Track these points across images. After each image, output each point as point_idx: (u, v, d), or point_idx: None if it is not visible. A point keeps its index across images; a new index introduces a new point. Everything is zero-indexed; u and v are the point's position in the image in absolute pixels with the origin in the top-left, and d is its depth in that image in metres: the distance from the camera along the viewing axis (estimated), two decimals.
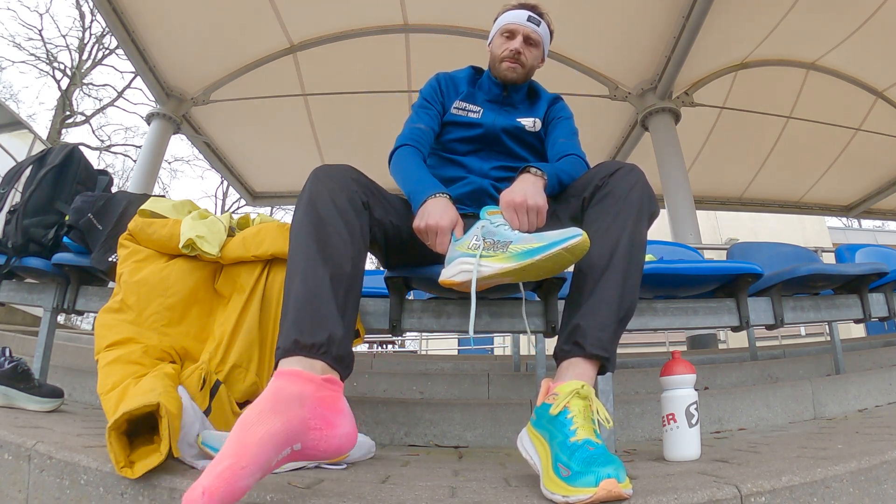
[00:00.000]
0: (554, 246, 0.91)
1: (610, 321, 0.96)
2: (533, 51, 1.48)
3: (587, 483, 0.72)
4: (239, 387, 1.22)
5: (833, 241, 13.42)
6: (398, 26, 5.48)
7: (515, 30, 1.47)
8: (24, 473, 0.91)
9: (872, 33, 5.27)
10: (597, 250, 1.01)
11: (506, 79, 1.47)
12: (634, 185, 1.08)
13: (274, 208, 15.53)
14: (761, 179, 7.72)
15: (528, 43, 1.47)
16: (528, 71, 1.49)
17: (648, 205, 1.08)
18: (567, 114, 1.52)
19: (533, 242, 0.94)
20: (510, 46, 1.45)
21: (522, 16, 1.47)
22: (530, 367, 2.97)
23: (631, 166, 1.13)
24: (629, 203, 1.06)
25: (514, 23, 1.47)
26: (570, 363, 0.95)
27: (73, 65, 15.01)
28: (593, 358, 0.94)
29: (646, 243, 1.08)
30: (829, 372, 2.53)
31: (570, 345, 0.96)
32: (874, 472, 0.88)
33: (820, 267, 1.72)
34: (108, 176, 2.02)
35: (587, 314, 0.97)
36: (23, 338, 3.16)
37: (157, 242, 1.35)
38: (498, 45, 1.49)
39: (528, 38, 1.47)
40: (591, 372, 0.95)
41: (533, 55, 1.48)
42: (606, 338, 0.95)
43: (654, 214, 1.10)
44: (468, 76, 1.56)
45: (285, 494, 0.77)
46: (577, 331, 0.96)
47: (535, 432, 0.90)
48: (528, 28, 1.46)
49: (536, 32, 1.47)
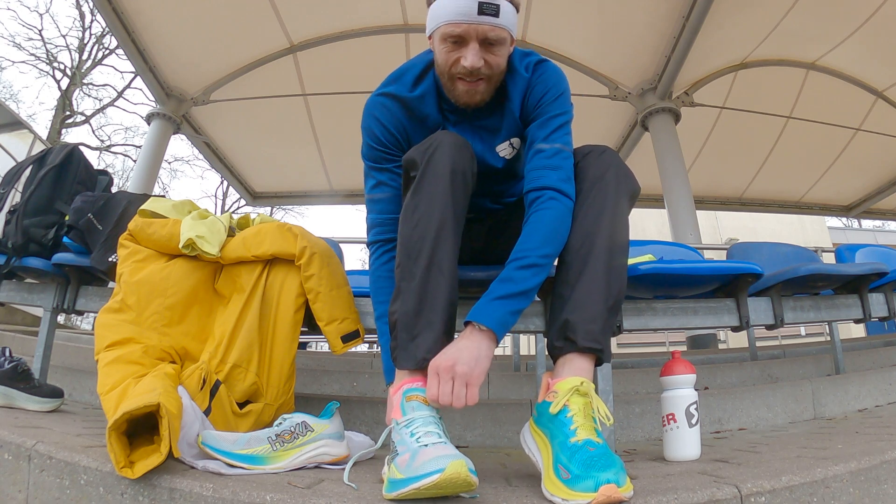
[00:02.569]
0: (408, 483, 0.74)
1: (599, 312, 0.95)
2: (497, 52, 1.05)
3: (586, 488, 0.72)
4: (239, 387, 1.22)
5: (833, 241, 13.44)
6: (398, 26, 5.48)
7: (465, 33, 1.01)
8: (24, 473, 0.91)
9: (872, 33, 5.27)
10: (576, 238, 1.00)
11: (465, 104, 1.10)
12: (609, 166, 1.04)
13: (274, 208, 15.54)
14: (761, 179, 7.72)
15: (488, 45, 1.03)
16: (495, 82, 1.10)
17: (626, 184, 1.04)
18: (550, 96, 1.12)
19: (399, 471, 0.77)
20: (464, 62, 1.03)
21: (471, 7, 0.99)
22: (530, 367, 2.97)
23: (603, 148, 1.08)
24: (604, 185, 1.02)
25: (460, 21, 1.01)
26: (565, 359, 0.95)
27: (73, 65, 15.02)
28: (587, 352, 0.94)
29: (627, 226, 1.04)
30: (829, 372, 2.53)
31: (562, 341, 0.96)
32: (874, 472, 0.88)
33: (820, 267, 1.71)
34: (108, 176, 2.02)
35: (575, 307, 0.95)
36: (23, 338, 3.16)
37: (157, 242, 1.35)
38: (443, 55, 1.06)
39: (486, 39, 1.02)
40: (588, 365, 0.94)
41: (498, 58, 1.06)
42: (598, 329, 0.94)
43: (634, 193, 1.06)
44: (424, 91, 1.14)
45: (285, 494, 0.77)
46: (567, 326, 0.95)
47: (537, 430, 0.90)
48: (483, 26, 1.01)
49: (497, 27, 1.02)
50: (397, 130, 1.15)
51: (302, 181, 7.82)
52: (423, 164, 0.99)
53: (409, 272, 0.96)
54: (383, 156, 1.16)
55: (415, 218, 0.98)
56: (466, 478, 0.73)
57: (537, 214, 1.02)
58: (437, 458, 0.75)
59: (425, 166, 0.99)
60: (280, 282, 1.32)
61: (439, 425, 0.87)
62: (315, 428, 1.03)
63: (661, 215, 5.80)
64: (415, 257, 0.96)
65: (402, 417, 0.87)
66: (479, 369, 0.88)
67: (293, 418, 1.03)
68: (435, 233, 0.95)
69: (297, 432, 1.01)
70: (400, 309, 0.97)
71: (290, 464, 0.98)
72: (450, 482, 0.72)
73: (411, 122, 1.16)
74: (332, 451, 1.04)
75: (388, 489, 0.77)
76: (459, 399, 0.86)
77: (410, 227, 0.98)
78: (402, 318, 0.96)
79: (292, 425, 1.02)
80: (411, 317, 0.94)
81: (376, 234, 1.17)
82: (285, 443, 0.99)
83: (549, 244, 0.98)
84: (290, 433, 1.00)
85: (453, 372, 0.87)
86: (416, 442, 0.82)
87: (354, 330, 1.37)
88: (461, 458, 0.74)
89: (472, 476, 0.74)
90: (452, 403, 0.86)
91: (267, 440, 0.98)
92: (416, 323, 0.94)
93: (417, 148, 1.03)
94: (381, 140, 1.15)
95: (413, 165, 1.02)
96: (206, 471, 0.88)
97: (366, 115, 1.18)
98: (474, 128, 1.18)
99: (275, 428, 1.02)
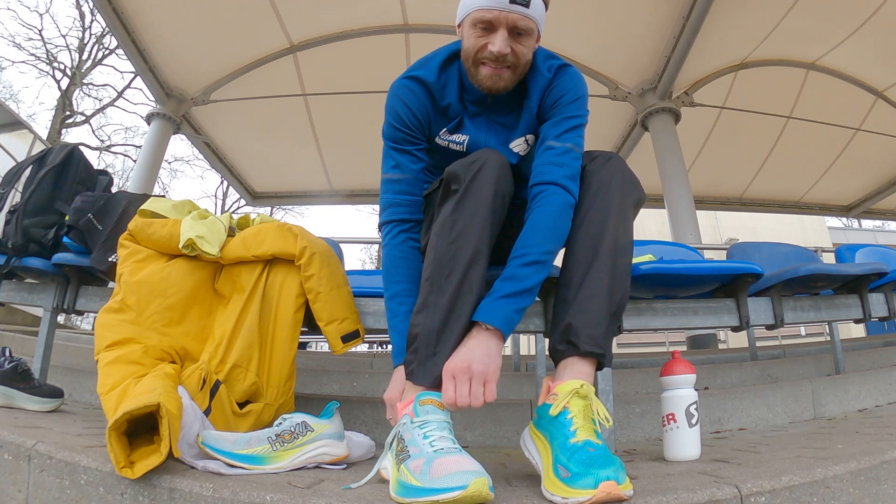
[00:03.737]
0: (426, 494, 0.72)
1: (602, 317, 0.95)
2: (524, 42, 1.08)
3: (586, 485, 0.72)
4: (239, 387, 1.22)
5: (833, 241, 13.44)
6: (398, 26, 5.48)
7: (495, 20, 1.04)
8: (24, 473, 0.91)
9: (872, 33, 5.27)
10: (581, 243, 1.00)
11: (488, 89, 1.12)
12: (614, 172, 1.04)
13: (274, 208, 15.54)
14: (761, 179, 7.72)
15: (516, 35, 1.06)
16: (520, 73, 1.12)
17: (632, 191, 1.04)
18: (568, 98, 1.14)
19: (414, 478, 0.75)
20: (491, 47, 1.06)
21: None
22: (530, 367, 2.97)
23: (609, 154, 1.09)
24: (610, 192, 1.02)
25: (491, 7, 1.04)
26: (566, 362, 0.95)
27: (73, 65, 15.03)
28: (588, 356, 0.94)
29: (632, 232, 1.04)
30: (829, 372, 2.53)
31: (564, 344, 0.96)
32: (874, 472, 0.88)
33: (820, 267, 1.72)
34: (108, 176, 2.02)
35: (578, 311, 0.96)
36: (23, 338, 3.16)
37: (157, 242, 1.35)
38: (471, 40, 1.09)
39: (516, 28, 1.05)
40: (589, 369, 0.94)
41: (524, 48, 1.08)
42: (600, 334, 0.94)
43: (640, 200, 1.06)
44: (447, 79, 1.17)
45: (285, 494, 0.77)
46: (569, 330, 0.95)
47: (536, 432, 0.90)
48: (513, 14, 1.04)
49: (526, 17, 1.05)
50: (421, 114, 1.16)
51: (302, 181, 7.82)
52: (467, 181, 0.99)
53: (439, 287, 0.95)
54: (405, 137, 1.16)
55: (453, 233, 0.97)
56: (487, 496, 0.72)
57: (539, 209, 1.02)
58: (459, 472, 0.72)
59: (469, 183, 0.98)
60: (280, 282, 1.32)
61: (452, 431, 0.86)
62: (315, 428, 1.03)
63: (661, 215, 5.80)
64: (447, 273, 0.95)
65: (416, 418, 0.86)
66: (494, 366, 0.89)
67: (293, 418, 1.03)
68: (472, 253, 0.95)
69: (297, 432, 1.01)
70: (423, 322, 0.95)
71: (290, 464, 0.98)
72: (471, 500, 0.70)
73: (434, 108, 1.18)
74: (332, 451, 1.04)
75: (401, 493, 0.76)
76: (478, 398, 0.86)
77: (447, 242, 0.97)
78: (425, 333, 0.94)
79: (292, 425, 1.02)
80: (434, 334, 0.93)
81: (391, 213, 1.15)
82: (285, 443, 0.99)
83: (549, 240, 0.99)
84: (290, 433, 1.00)
85: (470, 372, 0.87)
86: (431, 446, 0.80)
87: (354, 330, 1.38)
88: (483, 475, 0.73)
89: (492, 494, 0.73)
90: (471, 403, 0.86)
91: (267, 440, 0.98)
92: (438, 340, 0.93)
93: (462, 162, 1.03)
94: (406, 121, 1.16)
95: (455, 179, 1.01)
96: (206, 471, 0.88)
97: (391, 96, 1.19)
98: (490, 122, 1.19)
99: (275, 428, 1.02)
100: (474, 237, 0.96)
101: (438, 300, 0.94)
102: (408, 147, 1.17)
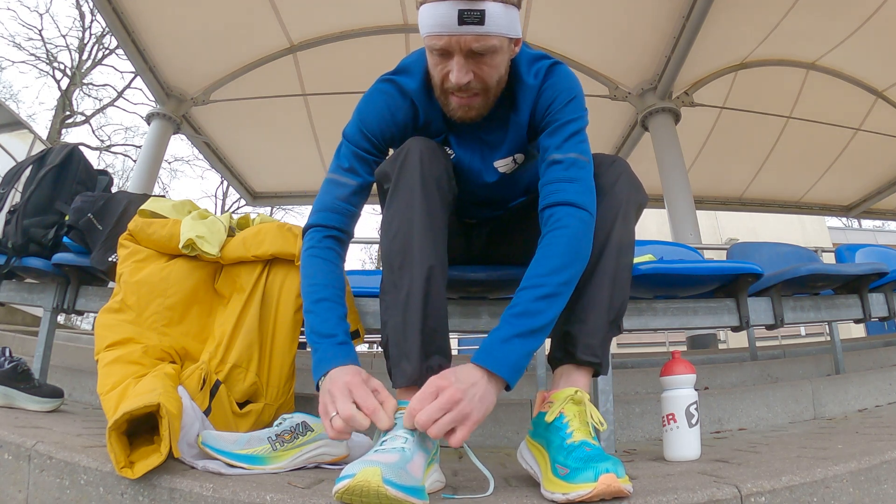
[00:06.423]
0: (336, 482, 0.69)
1: (600, 325, 0.95)
2: (488, 62, 0.94)
3: (586, 478, 0.71)
4: (239, 387, 1.22)
5: (833, 241, 13.44)
6: (398, 26, 5.48)
7: (447, 46, 0.91)
8: (24, 473, 0.91)
9: (872, 33, 5.27)
10: None
11: (461, 119, 1.02)
12: (619, 177, 1.02)
13: (274, 208, 15.55)
14: (761, 179, 7.72)
15: (478, 57, 0.93)
16: (493, 94, 1.00)
17: (635, 197, 1.02)
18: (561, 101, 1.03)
19: None
20: (452, 78, 0.94)
21: (451, 16, 0.88)
22: (530, 367, 2.97)
23: (613, 157, 1.06)
24: (614, 198, 1.00)
25: (441, 32, 0.90)
26: (562, 370, 0.95)
27: (73, 65, 15.03)
28: (585, 365, 0.94)
29: (633, 238, 1.03)
30: (829, 372, 2.53)
31: (561, 352, 0.96)
32: (874, 472, 0.88)
33: (820, 267, 1.72)
34: (108, 176, 2.02)
35: (576, 320, 0.95)
36: (23, 338, 3.16)
37: (157, 242, 1.35)
38: (434, 68, 0.97)
39: (471, 51, 0.92)
40: (585, 378, 0.95)
41: (490, 69, 0.95)
42: (597, 343, 0.94)
43: (641, 206, 1.04)
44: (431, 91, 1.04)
45: (285, 494, 0.77)
46: (567, 338, 0.95)
47: (533, 442, 0.90)
48: (466, 37, 0.90)
49: (483, 36, 0.90)
50: (396, 128, 1.06)
51: (302, 181, 7.82)
52: (394, 176, 0.97)
53: (394, 285, 0.93)
54: (371, 147, 1.06)
55: (391, 230, 0.95)
56: (378, 488, 0.65)
57: (553, 234, 0.91)
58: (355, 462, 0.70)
59: (397, 178, 0.96)
60: (280, 282, 1.32)
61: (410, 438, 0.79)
62: (315, 428, 1.03)
63: (661, 215, 5.80)
64: (398, 268, 0.92)
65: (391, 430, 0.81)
66: (478, 416, 0.79)
67: (293, 418, 1.03)
68: (417, 241, 0.91)
69: (297, 432, 1.01)
70: (390, 322, 0.93)
71: (290, 464, 0.98)
72: (360, 490, 0.66)
73: (414, 125, 1.07)
74: (332, 451, 1.04)
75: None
76: (439, 433, 0.76)
77: (389, 240, 0.95)
78: (393, 334, 0.92)
79: (292, 425, 1.02)
80: (400, 331, 0.90)
81: (324, 217, 1.02)
82: (285, 443, 0.99)
83: (567, 268, 0.89)
84: (290, 433, 1.00)
85: (456, 406, 0.77)
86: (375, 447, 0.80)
87: (354, 330, 1.37)
88: (377, 465, 0.67)
89: (391, 489, 0.66)
90: (430, 433, 0.76)
91: (267, 440, 0.98)
92: (405, 338, 0.89)
93: (389, 160, 1.01)
94: (377, 132, 1.05)
95: (386, 178, 1.00)
96: (206, 471, 0.88)
97: (370, 98, 1.07)
98: (475, 139, 1.10)
99: (275, 428, 1.02)
100: (415, 226, 0.92)
101: (397, 298, 0.91)
102: (369, 157, 1.05)
